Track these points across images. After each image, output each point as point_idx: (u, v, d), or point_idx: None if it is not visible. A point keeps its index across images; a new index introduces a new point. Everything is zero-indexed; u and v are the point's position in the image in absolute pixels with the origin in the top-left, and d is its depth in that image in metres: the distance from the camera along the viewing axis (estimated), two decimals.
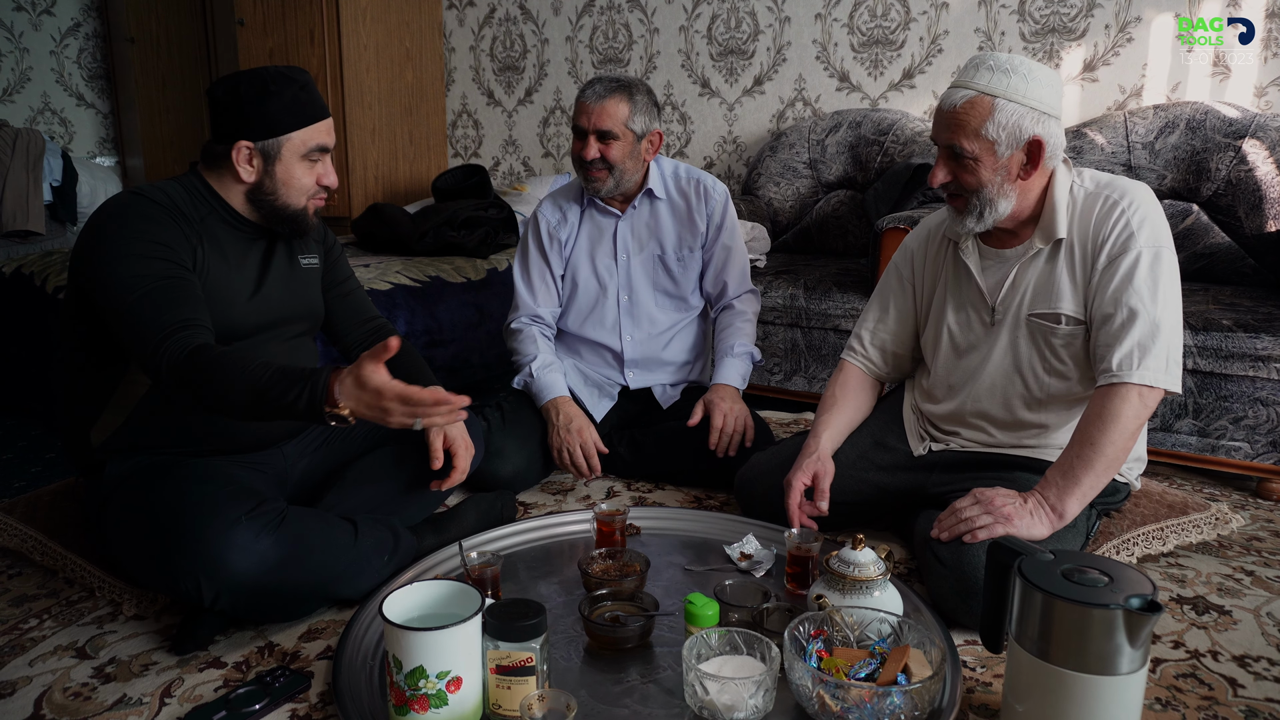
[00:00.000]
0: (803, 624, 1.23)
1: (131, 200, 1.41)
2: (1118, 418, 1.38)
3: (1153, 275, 1.41)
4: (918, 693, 1.10)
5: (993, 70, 1.42)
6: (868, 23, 3.13)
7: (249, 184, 1.47)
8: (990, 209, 1.48)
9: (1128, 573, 1.07)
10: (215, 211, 1.48)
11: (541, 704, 1.09)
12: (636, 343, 2.12)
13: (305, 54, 3.63)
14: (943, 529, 1.44)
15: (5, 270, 2.55)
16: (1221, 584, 1.58)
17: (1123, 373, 1.39)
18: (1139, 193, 1.46)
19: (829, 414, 1.71)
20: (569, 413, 1.98)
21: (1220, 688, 1.28)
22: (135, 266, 1.34)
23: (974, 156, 1.43)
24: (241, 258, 1.51)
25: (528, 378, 2.04)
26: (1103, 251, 1.45)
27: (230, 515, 1.30)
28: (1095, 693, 1.03)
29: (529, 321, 2.11)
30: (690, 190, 2.09)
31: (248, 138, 1.43)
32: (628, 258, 2.10)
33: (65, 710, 1.22)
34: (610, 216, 2.10)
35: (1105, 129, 2.63)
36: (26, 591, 1.55)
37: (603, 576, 1.47)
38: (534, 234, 2.12)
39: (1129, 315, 1.41)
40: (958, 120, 1.43)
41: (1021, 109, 1.41)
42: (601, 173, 1.98)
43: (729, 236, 2.12)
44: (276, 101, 1.43)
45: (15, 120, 4.18)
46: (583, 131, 1.96)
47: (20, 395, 2.60)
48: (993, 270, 1.58)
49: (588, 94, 1.95)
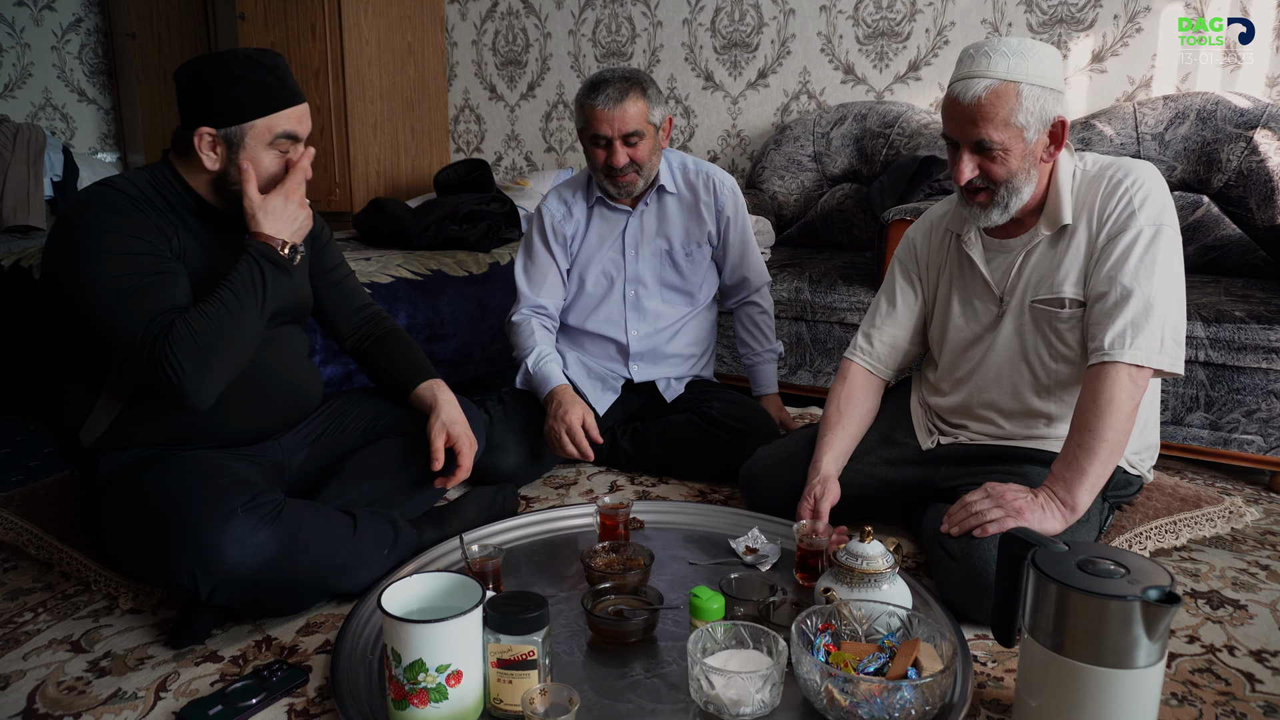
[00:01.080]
0: (810, 617, 1.20)
1: (99, 194, 1.37)
2: (1112, 400, 1.35)
3: (1150, 254, 1.38)
4: (929, 687, 1.07)
5: (1008, 56, 1.38)
6: (873, 14, 3.10)
7: (212, 172, 1.41)
8: (1016, 197, 1.45)
9: (1144, 564, 1.05)
10: (185, 201, 1.43)
11: (544, 698, 1.06)
12: (642, 337, 2.10)
13: (306, 48, 3.61)
14: (953, 523, 1.42)
15: (4, 263, 2.54)
16: (1236, 578, 1.56)
17: (1114, 351, 1.36)
18: (1143, 171, 1.44)
19: (832, 433, 1.65)
20: (562, 399, 1.93)
21: (1237, 683, 1.25)
22: (109, 265, 1.31)
23: (1004, 147, 1.40)
24: (218, 248, 1.45)
25: (526, 374, 2.01)
26: (1104, 229, 1.43)
27: (227, 508, 1.27)
28: (1112, 687, 1.00)
29: (530, 313, 2.08)
30: (699, 183, 2.06)
31: (209, 124, 1.37)
32: (636, 254, 2.07)
33: (59, 704, 1.20)
34: (620, 213, 2.06)
35: (1114, 120, 2.59)
36: (21, 585, 1.53)
37: (606, 570, 1.45)
38: (538, 228, 2.09)
39: (1122, 294, 1.38)
40: (984, 112, 1.38)
41: (1044, 90, 1.38)
42: (631, 175, 1.94)
43: (741, 229, 2.10)
44: (239, 86, 1.36)
45: (17, 116, 4.16)
46: (605, 140, 1.90)
47: (18, 389, 2.58)
48: (997, 260, 1.56)
49: (600, 100, 1.87)
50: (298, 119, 1.43)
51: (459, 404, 1.66)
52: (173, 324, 1.30)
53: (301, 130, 1.44)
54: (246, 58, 1.38)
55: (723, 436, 1.97)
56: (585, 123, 1.92)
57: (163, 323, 1.30)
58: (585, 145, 1.97)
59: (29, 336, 2.43)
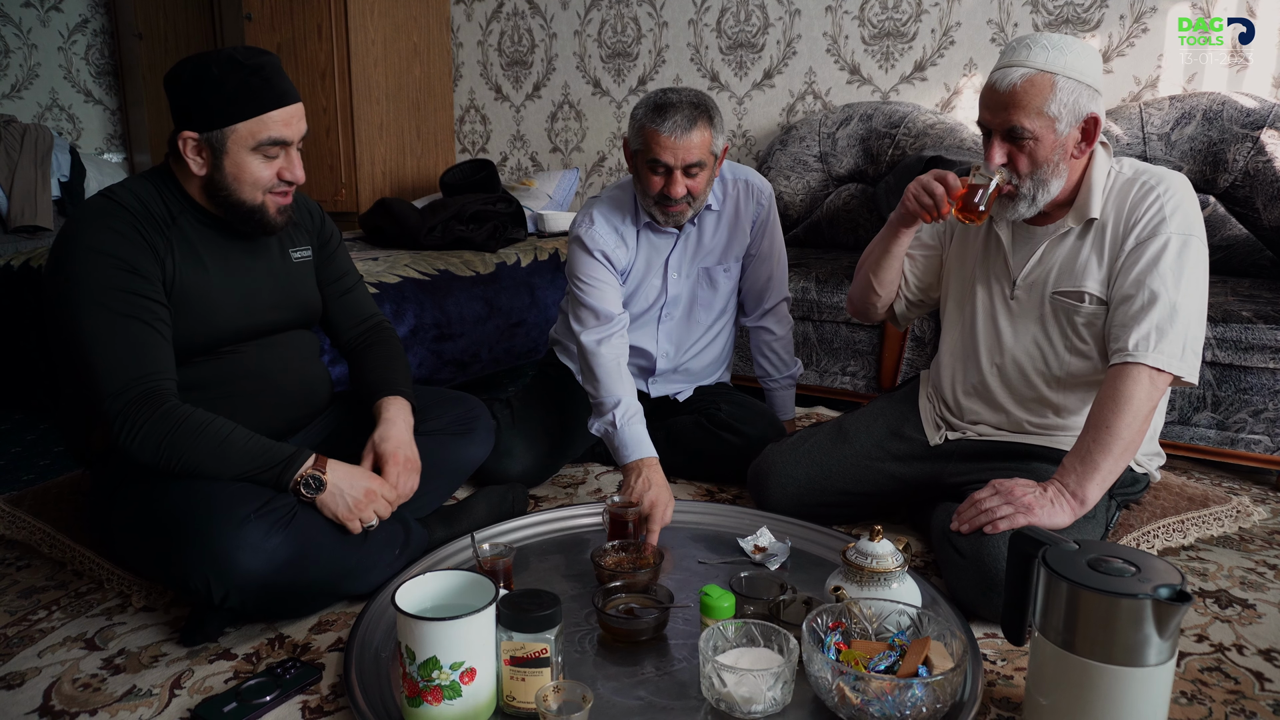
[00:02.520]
0: (821, 616, 1.21)
1: (99, 209, 1.34)
2: (1130, 400, 1.36)
3: (1180, 262, 1.40)
4: (939, 685, 1.08)
5: (1047, 49, 1.40)
6: (879, 15, 3.11)
7: (200, 177, 1.37)
8: (1044, 191, 1.46)
9: (1155, 562, 1.05)
10: (186, 210, 1.40)
11: (557, 695, 1.07)
12: (669, 356, 2.07)
13: (313, 49, 3.62)
14: (963, 521, 1.42)
15: (14, 264, 2.55)
16: (1244, 577, 1.56)
17: (1138, 353, 1.37)
18: (1176, 181, 1.45)
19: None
20: (653, 479, 1.67)
21: (1247, 681, 1.26)
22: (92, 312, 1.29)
23: (1034, 135, 1.41)
24: (220, 259, 1.43)
25: (609, 427, 1.77)
26: (1132, 233, 1.44)
27: (239, 514, 1.27)
28: (1122, 685, 1.01)
29: (607, 333, 1.84)
30: (740, 193, 1.98)
31: (191, 128, 1.33)
32: (679, 275, 1.99)
33: (74, 701, 1.21)
34: (666, 236, 1.96)
35: (1120, 120, 2.60)
36: (35, 583, 1.54)
37: (616, 569, 1.45)
38: (589, 253, 1.90)
39: (1150, 298, 1.39)
40: (1017, 99, 1.40)
41: (1080, 85, 1.39)
42: (684, 206, 1.83)
43: (772, 239, 2.04)
44: (218, 89, 1.31)
45: (24, 116, 4.18)
46: (665, 167, 1.77)
47: (27, 388, 2.59)
48: (1021, 246, 1.57)
49: (666, 126, 1.73)
50: (284, 122, 1.36)
51: (408, 424, 1.55)
52: (163, 407, 1.29)
53: (290, 134, 1.37)
54: (229, 59, 1.32)
55: (729, 439, 1.97)
56: (645, 145, 1.78)
57: (135, 392, 1.28)
58: (639, 168, 1.83)
59: (38, 336, 2.44)
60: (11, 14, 4.19)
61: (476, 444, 1.73)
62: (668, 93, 1.79)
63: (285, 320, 1.54)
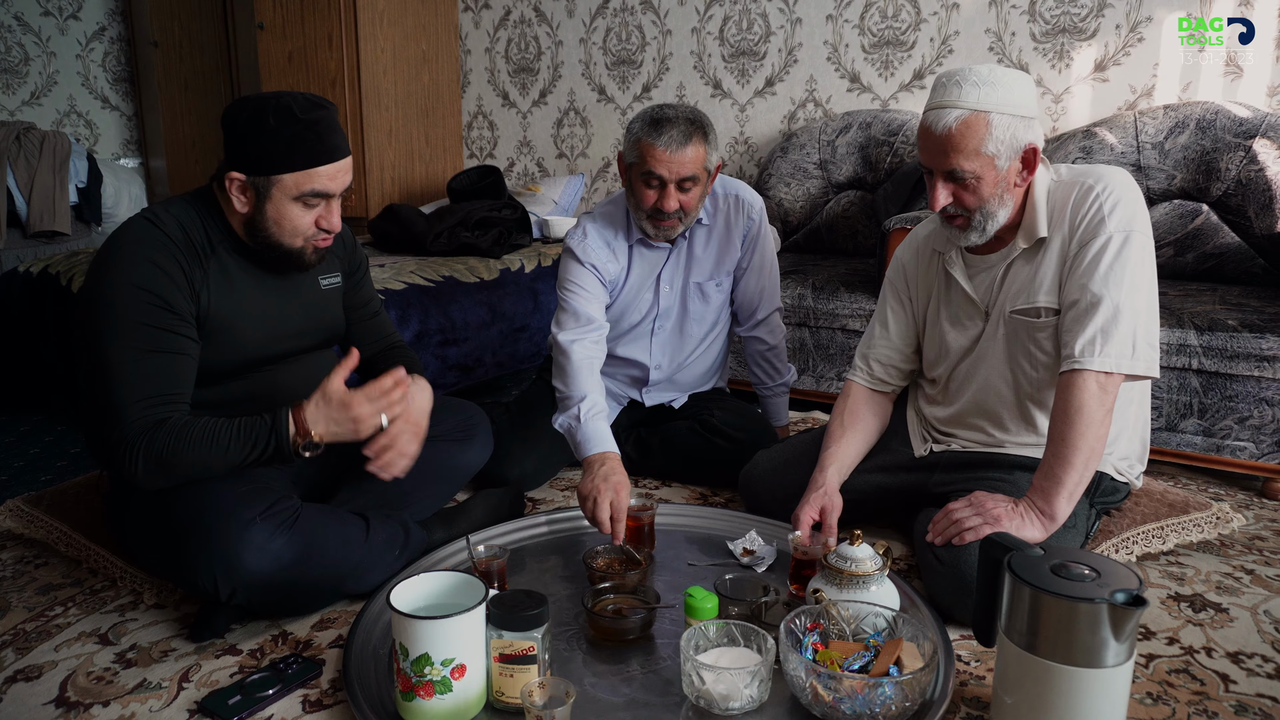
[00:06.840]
0: (799, 617, 1.26)
1: (144, 240, 1.37)
2: (1081, 409, 1.38)
3: (1120, 260, 1.40)
4: (909, 684, 1.13)
5: (978, 85, 1.39)
6: (878, 24, 3.15)
7: (243, 215, 1.42)
8: (992, 221, 1.48)
9: (1116, 568, 1.10)
10: (225, 240, 1.45)
11: (542, 691, 1.12)
12: (663, 368, 2.10)
13: (324, 57, 3.69)
14: (936, 532, 1.47)
15: (33, 270, 2.62)
16: (1221, 582, 1.60)
17: (1083, 359, 1.39)
18: (1113, 177, 1.45)
19: (835, 446, 1.67)
20: (614, 467, 1.67)
21: (1212, 683, 1.30)
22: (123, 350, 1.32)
23: (975, 175, 1.42)
24: (254, 288, 1.48)
25: (573, 421, 1.78)
26: (1076, 235, 1.45)
27: (246, 515, 1.34)
28: (1081, 685, 1.05)
29: (582, 334, 1.88)
30: (730, 209, 2.01)
31: (239, 169, 1.37)
32: (670, 289, 2.03)
33: (89, 693, 1.27)
34: (658, 250, 2.00)
35: (1115, 129, 2.63)
36: (52, 580, 1.61)
37: (606, 570, 1.51)
38: (579, 263, 1.93)
39: (1092, 300, 1.40)
40: (954, 143, 1.41)
41: (1014, 119, 1.40)
42: (675, 220, 1.87)
43: (762, 253, 2.06)
44: (272, 138, 1.34)
45: (42, 123, 4.27)
46: (659, 180, 1.81)
47: (46, 391, 2.67)
48: (981, 276, 1.59)
49: (662, 140, 1.77)
50: (330, 176, 1.40)
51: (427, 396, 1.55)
52: (154, 431, 1.32)
53: (335, 187, 1.41)
54: (286, 109, 1.35)
55: (723, 445, 2.02)
56: (639, 159, 1.81)
57: (145, 423, 1.32)
58: (632, 181, 1.86)
59: (56, 340, 2.52)
60: (31, 22, 4.28)
61: (476, 450, 1.79)
62: (664, 108, 1.83)
63: (311, 344, 1.61)
